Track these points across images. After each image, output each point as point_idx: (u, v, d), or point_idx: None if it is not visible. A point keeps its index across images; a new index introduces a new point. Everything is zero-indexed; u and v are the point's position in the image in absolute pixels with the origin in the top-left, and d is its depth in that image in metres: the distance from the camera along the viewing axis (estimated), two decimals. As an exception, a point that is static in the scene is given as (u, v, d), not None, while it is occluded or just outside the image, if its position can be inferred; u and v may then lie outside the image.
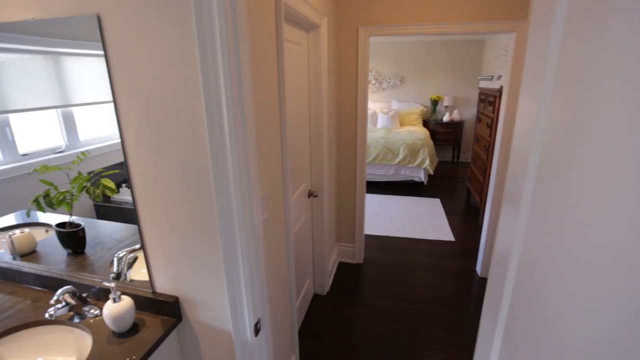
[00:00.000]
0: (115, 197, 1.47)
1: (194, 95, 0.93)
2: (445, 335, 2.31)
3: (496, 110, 3.48)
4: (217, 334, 1.19)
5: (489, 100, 3.85)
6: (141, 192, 1.09)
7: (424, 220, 4.08)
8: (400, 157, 4.92)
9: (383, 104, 6.81)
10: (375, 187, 5.16)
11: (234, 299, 1.08)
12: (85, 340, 1.18)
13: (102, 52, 1.31)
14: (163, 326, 1.15)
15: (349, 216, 3.08)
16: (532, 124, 0.79)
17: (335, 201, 3.00)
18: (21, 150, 1.59)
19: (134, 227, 1.35)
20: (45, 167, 1.47)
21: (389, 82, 6.75)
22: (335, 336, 2.32)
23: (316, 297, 2.71)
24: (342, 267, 3.13)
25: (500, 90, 3.42)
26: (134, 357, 1.03)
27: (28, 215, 1.49)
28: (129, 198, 1.37)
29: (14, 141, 1.60)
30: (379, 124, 6.12)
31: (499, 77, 4.21)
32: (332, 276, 2.97)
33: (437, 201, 4.67)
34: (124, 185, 1.43)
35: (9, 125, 1.58)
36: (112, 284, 1.11)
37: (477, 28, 2.44)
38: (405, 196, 4.85)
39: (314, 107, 2.35)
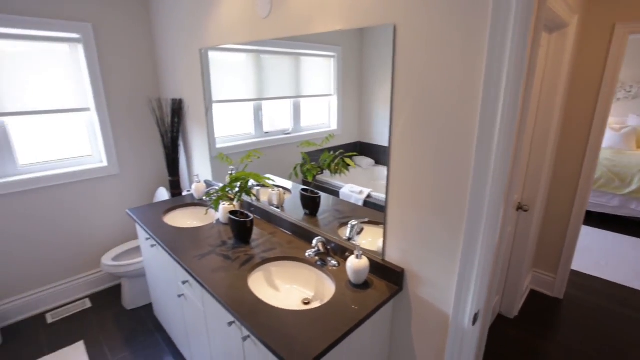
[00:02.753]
0: (318, 177, 1.77)
1: (470, 98, 1.03)
2: None
3: None
4: (431, 312, 1.30)
5: None
6: (395, 173, 1.29)
7: (661, 273, 3.13)
8: (634, 187, 3.89)
9: (614, 118, 5.48)
10: (588, 217, 4.27)
11: (462, 285, 1.16)
12: (324, 282, 1.50)
13: (332, 54, 1.59)
14: (389, 290, 1.34)
15: (555, 242, 2.69)
16: None
17: (541, 221, 2.68)
18: (264, 129, 2.10)
19: (345, 202, 1.59)
20: (307, 143, 1.89)
21: (629, 91, 5.36)
22: (520, 365, 2.12)
23: (501, 318, 2.52)
24: (535, 296, 2.78)
25: None
26: (355, 307, 1.25)
27: (289, 178, 1.95)
28: (328, 180, 1.65)
29: (262, 122, 2.12)
30: (604, 143, 4.97)
31: None
32: (522, 302, 2.68)
33: (687, 253, 3.49)
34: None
35: (262, 110, 2.10)
36: (358, 244, 1.36)
37: None
38: (634, 237, 3.82)
39: (541, 115, 2.15)
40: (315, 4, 1.41)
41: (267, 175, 2.06)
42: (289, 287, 1.55)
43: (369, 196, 1.53)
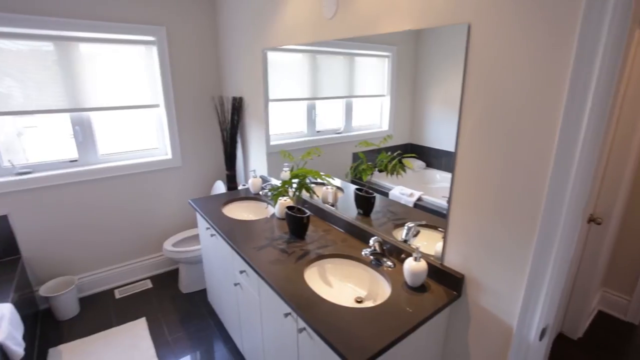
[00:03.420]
0: (368, 178, 1.75)
1: (550, 104, 0.96)
2: None
3: None
4: (492, 322, 1.24)
5: None
6: (461, 177, 1.25)
7: None
8: None
9: None
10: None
11: (530, 297, 1.09)
12: (378, 282, 1.49)
13: (387, 54, 1.55)
14: (446, 295, 1.30)
15: (632, 260, 2.44)
16: None
17: (616, 236, 2.44)
18: (317, 128, 2.11)
19: (396, 203, 1.57)
20: (365, 143, 1.88)
21: None
22: (585, 391, 1.95)
23: (562, 338, 2.34)
24: (604, 318, 2.54)
25: None
26: (410, 309, 1.23)
27: (346, 177, 1.96)
28: (378, 180, 1.63)
29: (314, 121, 2.14)
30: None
31: None
32: (588, 322, 2.47)
33: None
34: (376, 169, 1.69)
35: (315, 109, 2.12)
36: (416, 246, 1.34)
37: None
38: None
39: (624, 117, 1.96)
40: (383, 4, 1.41)
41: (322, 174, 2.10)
42: (343, 285, 1.57)
43: (419, 199, 1.50)
